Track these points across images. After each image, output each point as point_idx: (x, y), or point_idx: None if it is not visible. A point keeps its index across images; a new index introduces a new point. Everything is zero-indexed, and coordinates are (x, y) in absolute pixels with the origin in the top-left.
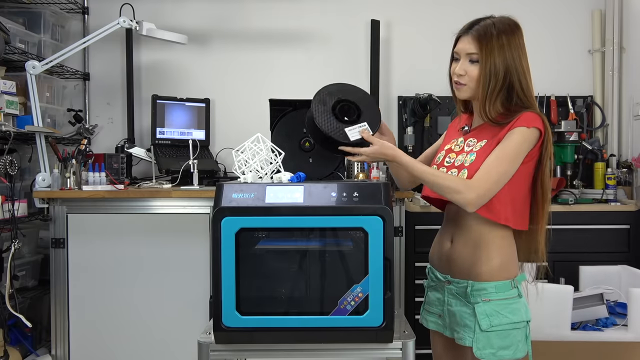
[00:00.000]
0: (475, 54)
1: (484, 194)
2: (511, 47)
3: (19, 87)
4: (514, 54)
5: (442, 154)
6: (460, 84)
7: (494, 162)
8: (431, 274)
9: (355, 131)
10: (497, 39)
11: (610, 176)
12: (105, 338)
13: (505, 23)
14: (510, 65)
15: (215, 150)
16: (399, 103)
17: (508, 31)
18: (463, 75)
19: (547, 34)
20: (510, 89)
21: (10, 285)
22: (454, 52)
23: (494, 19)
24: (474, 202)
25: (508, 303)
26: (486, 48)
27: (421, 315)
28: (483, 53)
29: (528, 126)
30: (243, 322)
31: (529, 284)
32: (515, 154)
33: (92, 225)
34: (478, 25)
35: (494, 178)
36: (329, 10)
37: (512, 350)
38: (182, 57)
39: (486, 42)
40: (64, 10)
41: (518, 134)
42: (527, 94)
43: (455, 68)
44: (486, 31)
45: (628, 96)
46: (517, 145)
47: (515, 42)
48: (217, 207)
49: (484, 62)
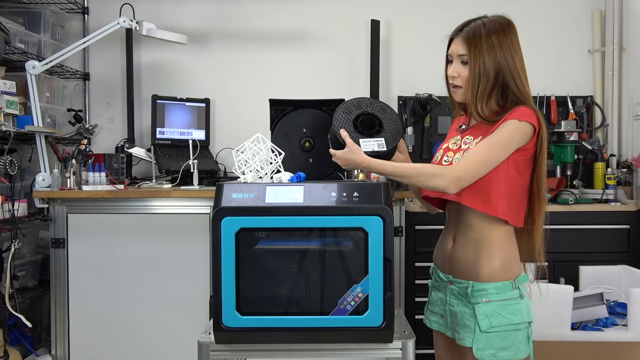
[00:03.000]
0: (465, 55)
1: (463, 174)
2: (502, 46)
3: (19, 87)
4: (506, 53)
5: (440, 153)
6: (457, 86)
7: (476, 149)
8: (435, 274)
9: (369, 143)
10: (486, 39)
11: (610, 176)
12: (105, 338)
13: (496, 22)
14: (502, 64)
15: (215, 150)
16: (399, 103)
17: (499, 30)
18: (456, 77)
19: (547, 34)
20: (504, 87)
21: (10, 285)
22: (448, 54)
23: (485, 19)
24: (455, 182)
25: (509, 304)
26: (475, 49)
27: (425, 315)
28: (472, 54)
29: (520, 119)
30: (243, 322)
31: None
32: (502, 143)
33: (92, 225)
34: (468, 27)
35: (477, 160)
36: (329, 10)
37: (512, 351)
38: (182, 57)
39: (475, 42)
40: (64, 10)
41: (508, 125)
42: (523, 92)
43: (449, 70)
44: (475, 32)
45: (628, 96)
46: (505, 135)
47: (507, 41)
48: (217, 207)
49: (472, 62)
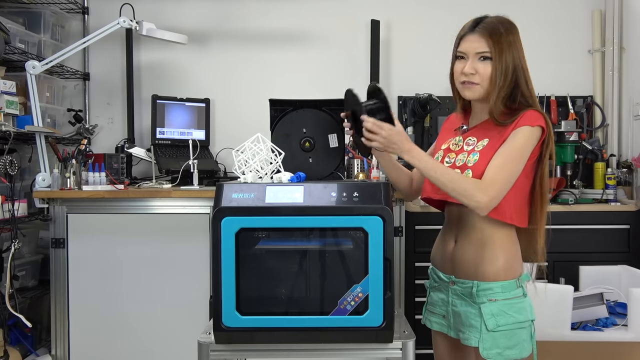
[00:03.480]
0: (486, 52)
1: (496, 197)
2: (517, 45)
3: (19, 87)
4: (520, 52)
5: (440, 153)
6: (472, 83)
7: (503, 164)
8: (434, 275)
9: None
10: (506, 36)
11: (610, 176)
12: (105, 338)
13: (506, 22)
14: (517, 63)
15: (215, 150)
16: (399, 103)
17: (512, 30)
18: (474, 74)
19: (547, 34)
20: (515, 87)
21: (10, 285)
22: (459, 51)
23: (495, 18)
24: (487, 205)
25: (514, 302)
26: (498, 45)
27: (424, 316)
28: (496, 50)
29: (532, 125)
30: (243, 322)
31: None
32: (522, 154)
33: (92, 225)
34: (483, 23)
35: (505, 179)
36: (329, 10)
37: (518, 350)
38: (182, 57)
39: (498, 39)
40: (64, 10)
41: (523, 133)
42: (532, 92)
43: (463, 68)
44: (496, 29)
45: (628, 96)
46: (523, 144)
47: (518, 40)
48: (217, 207)
49: (497, 59)
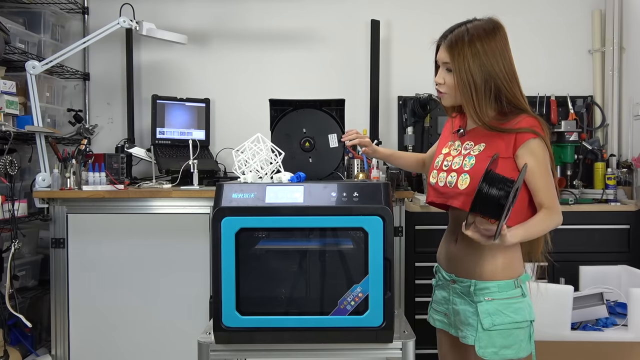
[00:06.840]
0: (448, 63)
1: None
2: (487, 52)
3: (19, 87)
4: (491, 59)
5: (440, 158)
6: (441, 92)
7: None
8: (438, 273)
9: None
10: (469, 46)
11: (610, 176)
12: (105, 338)
13: (480, 28)
14: (490, 71)
15: (215, 150)
16: (399, 103)
17: (482, 37)
18: (442, 84)
19: (547, 34)
20: (497, 93)
21: (10, 285)
22: (435, 60)
23: (470, 25)
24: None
25: (511, 302)
26: (458, 57)
27: (429, 313)
28: (455, 62)
29: (535, 136)
30: (243, 322)
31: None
32: (547, 163)
33: (92, 225)
34: (452, 34)
35: (554, 192)
36: (329, 10)
37: (514, 350)
38: (182, 57)
39: (457, 50)
40: (64, 10)
41: (537, 145)
42: (517, 97)
43: (436, 77)
44: (457, 39)
45: (628, 96)
46: (542, 157)
47: (492, 46)
48: (217, 207)
49: (457, 70)
